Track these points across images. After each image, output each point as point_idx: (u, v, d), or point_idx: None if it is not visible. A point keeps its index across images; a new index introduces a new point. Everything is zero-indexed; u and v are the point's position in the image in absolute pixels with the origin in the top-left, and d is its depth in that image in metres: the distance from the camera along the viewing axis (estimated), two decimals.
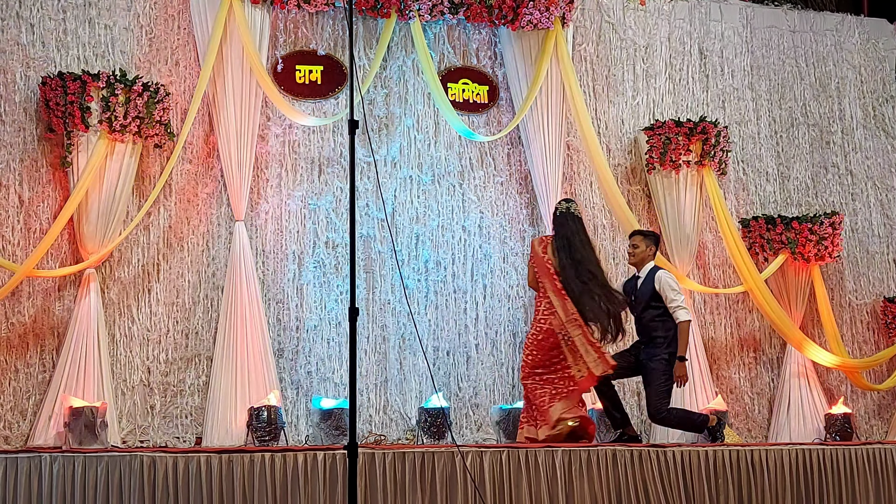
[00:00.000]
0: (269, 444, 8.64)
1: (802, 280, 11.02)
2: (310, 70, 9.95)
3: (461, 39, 10.50)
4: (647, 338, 8.86)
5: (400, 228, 10.03)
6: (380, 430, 9.60)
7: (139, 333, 9.16)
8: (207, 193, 9.50)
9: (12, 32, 9.02)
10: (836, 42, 12.13)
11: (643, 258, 8.99)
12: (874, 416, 11.46)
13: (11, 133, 8.90)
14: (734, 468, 8.11)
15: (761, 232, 11.01)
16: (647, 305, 8.86)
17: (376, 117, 10.11)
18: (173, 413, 9.18)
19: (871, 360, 11.17)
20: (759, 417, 11.04)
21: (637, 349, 8.94)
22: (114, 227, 8.89)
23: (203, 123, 9.52)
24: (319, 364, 9.65)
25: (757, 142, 11.58)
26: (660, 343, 8.77)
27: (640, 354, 8.88)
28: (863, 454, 8.59)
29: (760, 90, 11.70)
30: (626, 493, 7.74)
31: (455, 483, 7.22)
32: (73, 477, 6.68)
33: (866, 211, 11.90)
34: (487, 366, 10.14)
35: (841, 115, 11.99)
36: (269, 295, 9.59)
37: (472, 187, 10.32)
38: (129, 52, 9.37)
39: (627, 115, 11.06)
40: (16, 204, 8.86)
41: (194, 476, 6.69)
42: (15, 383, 8.71)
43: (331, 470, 6.93)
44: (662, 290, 8.80)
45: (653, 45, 11.30)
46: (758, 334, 11.17)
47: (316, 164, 9.90)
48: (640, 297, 8.90)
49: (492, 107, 10.52)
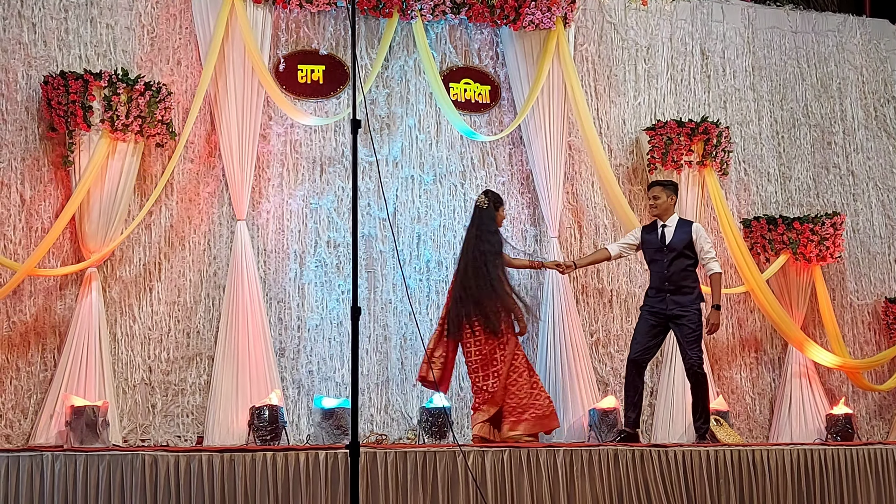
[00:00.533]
0: (270, 443, 8.64)
1: (804, 280, 11.02)
2: (312, 69, 9.95)
3: (463, 39, 10.50)
4: (675, 287, 9.03)
5: (401, 228, 10.04)
6: (381, 430, 9.60)
7: (140, 332, 9.16)
8: (209, 193, 9.50)
9: (14, 31, 9.02)
10: (838, 43, 12.12)
11: (666, 208, 9.23)
12: (875, 417, 11.45)
13: (13, 132, 8.91)
14: (735, 468, 8.12)
15: (763, 232, 11.01)
16: (680, 254, 9.07)
17: (378, 117, 10.11)
18: (174, 412, 9.18)
19: (873, 361, 11.17)
20: (761, 418, 11.04)
21: (655, 308, 9.05)
22: (115, 227, 8.89)
23: (205, 123, 9.52)
24: (321, 363, 9.66)
25: (758, 142, 11.58)
26: (688, 292, 9.03)
27: (664, 306, 9.00)
28: (864, 454, 8.60)
29: (762, 90, 11.70)
30: (628, 493, 7.75)
31: (457, 482, 7.23)
32: (74, 476, 6.68)
33: (868, 211, 11.90)
34: None
35: (842, 115, 11.99)
36: (271, 294, 9.59)
37: (473, 187, 10.32)
38: (131, 51, 9.37)
39: (629, 116, 11.06)
40: (17, 203, 8.86)
41: (196, 475, 6.69)
42: (16, 382, 8.71)
43: (332, 469, 6.93)
44: (699, 241, 9.10)
45: (654, 46, 11.30)
46: (759, 334, 11.17)
47: (317, 163, 9.91)
48: (672, 246, 9.08)
49: (493, 107, 10.52)
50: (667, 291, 9.05)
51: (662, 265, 9.11)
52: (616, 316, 10.65)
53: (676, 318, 9.02)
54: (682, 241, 9.11)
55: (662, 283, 9.08)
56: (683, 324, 9.01)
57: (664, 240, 9.15)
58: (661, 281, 9.10)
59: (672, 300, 9.02)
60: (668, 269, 9.08)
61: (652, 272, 9.25)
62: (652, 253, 9.21)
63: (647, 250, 9.27)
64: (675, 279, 9.06)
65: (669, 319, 9.06)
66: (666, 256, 9.10)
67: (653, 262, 9.22)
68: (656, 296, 9.12)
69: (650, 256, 9.24)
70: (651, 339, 9.11)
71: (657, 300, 9.10)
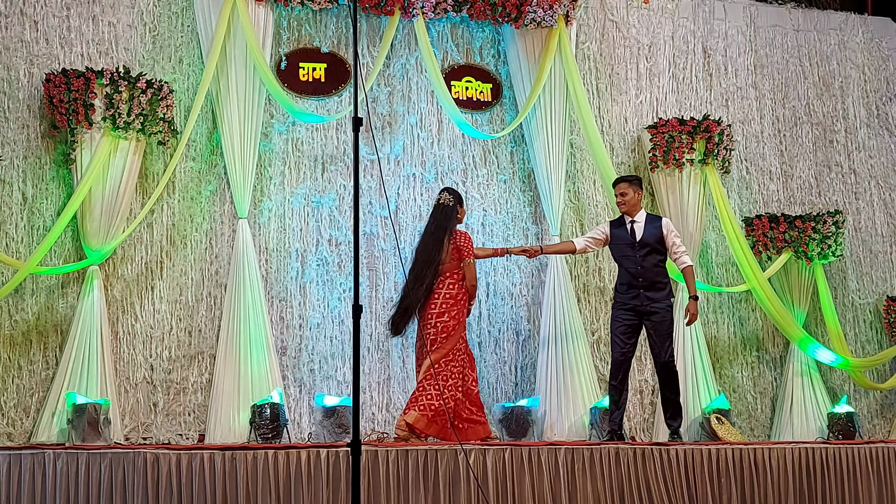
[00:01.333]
0: (271, 441, 8.64)
1: (805, 279, 11.02)
2: (313, 67, 9.95)
3: (465, 37, 10.50)
4: (648, 283, 9.04)
5: (403, 226, 10.04)
6: (383, 428, 9.60)
7: (142, 331, 9.16)
8: (211, 191, 9.50)
9: (16, 30, 9.02)
10: (840, 41, 12.12)
11: (634, 203, 9.25)
12: (877, 416, 11.45)
13: (15, 130, 8.91)
14: (737, 467, 8.12)
15: (764, 230, 11.00)
16: (653, 250, 9.11)
17: (379, 115, 10.11)
18: (176, 410, 9.18)
19: (874, 360, 11.16)
20: (762, 416, 11.03)
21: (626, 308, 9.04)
22: (117, 225, 8.89)
23: (206, 121, 9.52)
24: (322, 362, 9.66)
25: (760, 140, 11.57)
26: (661, 287, 9.07)
27: (639, 303, 9.00)
28: (866, 453, 8.60)
29: (764, 89, 11.70)
30: (629, 492, 7.75)
31: (458, 481, 7.23)
32: (76, 473, 6.69)
33: (869, 210, 11.89)
34: (490, 364, 10.14)
35: (844, 113, 11.98)
36: (273, 293, 9.60)
37: (475, 185, 10.32)
38: (133, 49, 9.38)
39: (631, 114, 11.05)
40: (19, 201, 8.87)
41: (197, 473, 6.69)
42: (18, 380, 8.71)
43: (334, 467, 6.94)
44: (670, 236, 9.16)
45: (656, 44, 11.29)
46: (761, 333, 11.17)
47: (319, 161, 9.91)
48: (644, 242, 9.10)
49: (495, 105, 10.52)
50: (640, 287, 9.04)
51: (635, 261, 9.10)
52: None
53: (650, 315, 9.03)
54: (653, 237, 9.13)
55: (636, 280, 9.08)
56: (657, 319, 9.03)
57: (635, 235, 9.15)
58: (633, 277, 9.09)
59: (646, 296, 9.02)
60: (640, 265, 9.08)
61: (623, 268, 9.21)
62: (623, 249, 9.18)
63: (617, 246, 9.23)
64: (649, 275, 9.06)
65: (643, 316, 9.06)
66: (638, 252, 9.11)
67: (624, 257, 9.18)
68: (628, 292, 9.10)
69: (621, 252, 9.21)
70: (629, 339, 9.13)
71: (630, 296, 9.08)
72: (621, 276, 9.23)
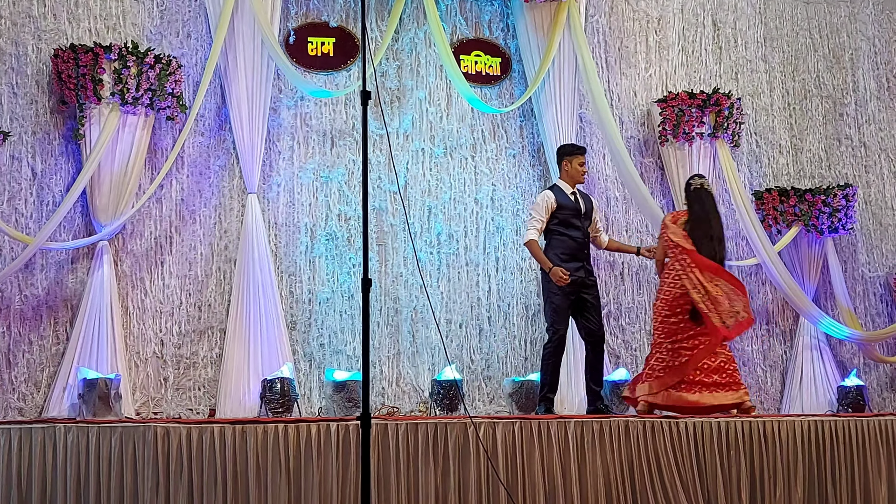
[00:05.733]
0: (282, 415, 8.66)
1: (815, 252, 11.00)
2: (322, 42, 9.94)
3: (473, 11, 10.47)
4: (587, 254, 9.07)
5: (412, 201, 10.03)
6: (392, 403, 9.63)
7: (152, 306, 9.18)
8: (219, 166, 9.50)
9: (24, 5, 9.01)
10: (850, 13, 12.05)
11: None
12: (887, 389, 11.44)
13: (24, 106, 8.91)
14: (746, 440, 8.12)
15: (774, 204, 10.97)
16: (591, 221, 9.19)
17: (388, 89, 10.09)
18: (186, 385, 9.21)
19: (884, 333, 11.15)
20: (772, 389, 11.04)
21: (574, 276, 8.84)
22: (126, 200, 8.90)
23: (215, 96, 9.52)
24: (332, 336, 9.67)
25: (770, 114, 11.53)
26: (590, 259, 9.13)
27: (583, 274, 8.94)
28: (875, 426, 8.59)
29: (774, 62, 11.65)
30: (639, 465, 7.76)
31: (468, 454, 7.24)
32: (87, 448, 6.71)
33: (880, 183, 11.85)
34: (500, 338, 10.15)
35: (854, 86, 11.93)
36: (282, 267, 9.61)
37: (484, 160, 10.31)
38: (141, 24, 9.36)
39: (640, 87, 11.02)
40: (28, 176, 8.88)
41: (208, 447, 6.71)
42: (29, 355, 8.74)
43: (344, 441, 6.95)
44: (596, 210, 9.30)
45: (666, 17, 11.25)
46: (771, 306, 11.16)
47: (328, 136, 9.90)
48: (587, 213, 9.13)
49: (504, 79, 10.50)
50: (583, 259, 9.00)
51: (582, 231, 9.04)
52: (628, 289, 10.66)
53: (587, 287, 8.98)
54: (591, 209, 9.19)
55: (581, 251, 9.00)
56: (591, 290, 9.01)
57: (579, 205, 9.11)
58: (579, 248, 8.99)
59: (585, 268, 8.99)
60: (585, 236, 9.07)
61: (566, 238, 8.96)
62: (570, 217, 8.99)
63: (565, 215, 8.99)
64: (587, 247, 9.09)
65: (582, 287, 8.95)
66: (583, 223, 9.07)
67: (571, 227, 8.98)
68: (572, 262, 8.91)
69: (568, 221, 8.99)
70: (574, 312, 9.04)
71: (575, 268, 8.88)
72: (564, 246, 8.96)
